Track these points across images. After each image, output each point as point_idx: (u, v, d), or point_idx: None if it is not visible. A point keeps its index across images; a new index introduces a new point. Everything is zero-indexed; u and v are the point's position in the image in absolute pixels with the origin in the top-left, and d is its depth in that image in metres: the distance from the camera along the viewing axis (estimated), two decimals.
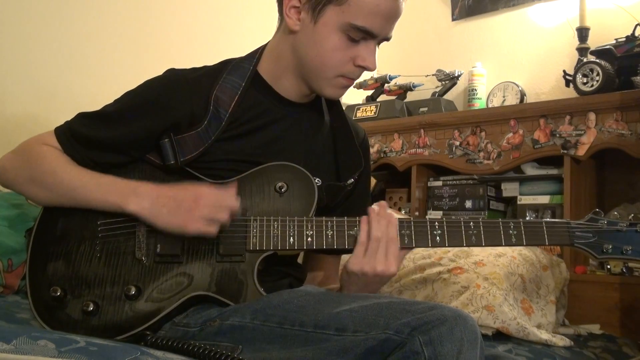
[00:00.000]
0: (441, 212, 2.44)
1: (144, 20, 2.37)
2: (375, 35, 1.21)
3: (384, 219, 1.19)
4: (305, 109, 1.33)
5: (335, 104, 1.39)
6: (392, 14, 1.21)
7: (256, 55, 1.31)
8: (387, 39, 1.25)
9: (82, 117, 1.28)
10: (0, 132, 1.95)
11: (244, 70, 1.28)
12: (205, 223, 1.14)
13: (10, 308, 1.36)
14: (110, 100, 1.29)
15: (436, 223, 1.22)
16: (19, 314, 1.31)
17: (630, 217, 1.26)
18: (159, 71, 1.30)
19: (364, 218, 1.20)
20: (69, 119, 1.29)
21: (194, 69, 1.30)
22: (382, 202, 1.25)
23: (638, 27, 2.09)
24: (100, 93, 1.70)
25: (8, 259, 1.52)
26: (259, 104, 1.28)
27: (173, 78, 1.27)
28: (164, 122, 1.22)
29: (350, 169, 1.35)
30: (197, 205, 1.15)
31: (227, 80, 1.26)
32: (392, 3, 1.19)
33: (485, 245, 1.23)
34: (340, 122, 1.39)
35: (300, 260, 1.45)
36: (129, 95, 1.27)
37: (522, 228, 1.23)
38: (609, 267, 1.27)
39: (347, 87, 1.28)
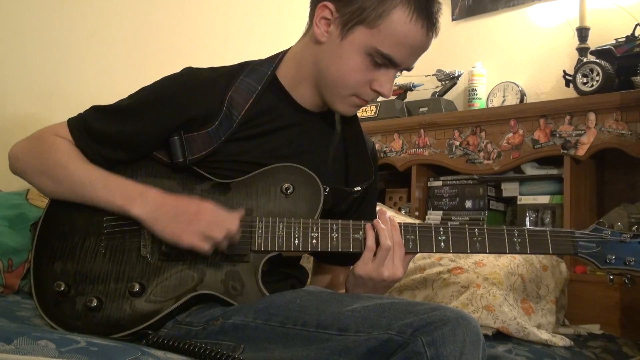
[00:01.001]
0: (441, 212, 2.44)
1: (144, 21, 2.37)
2: (397, 64, 1.21)
3: (387, 224, 1.20)
4: (319, 118, 1.33)
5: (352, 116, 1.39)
6: (419, 48, 1.22)
7: (276, 60, 1.30)
8: (408, 70, 1.26)
9: (96, 110, 1.27)
10: (0, 132, 1.94)
11: (261, 74, 1.27)
12: (199, 238, 1.13)
13: (10, 307, 1.36)
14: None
15: (441, 228, 1.23)
16: (19, 312, 1.31)
17: (634, 228, 1.26)
18: (158, 71, 1.30)
19: (368, 225, 1.21)
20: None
21: (212, 69, 1.29)
22: (382, 209, 1.25)
23: (638, 27, 2.09)
24: (100, 93, 1.70)
25: (8, 259, 1.52)
26: (274, 109, 1.28)
27: (190, 77, 1.26)
28: (178, 120, 1.22)
29: (360, 178, 1.35)
30: (196, 219, 1.14)
31: (243, 83, 1.26)
32: (421, 37, 1.20)
33: (490, 253, 1.24)
34: (353, 133, 1.39)
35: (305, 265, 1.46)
36: (144, 91, 1.27)
37: (527, 236, 1.24)
38: (611, 277, 1.27)
39: (360, 106, 1.28)
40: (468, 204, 2.37)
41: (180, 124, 1.22)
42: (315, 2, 1.24)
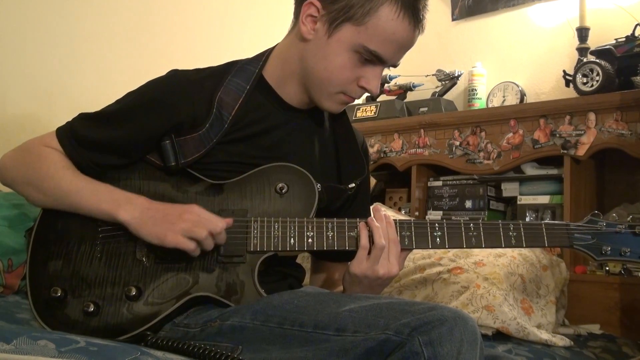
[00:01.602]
0: (441, 212, 2.44)
1: (144, 20, 2.37)
2: (384, 61, 1.21)
3: (382, 222, 1.20)
4: (307, 115, 1.33)
5: None
6: (406, 44, 1.22)
7: (262, 58, 1.30)
8: (395, 66, 1.26)
9: (84, 117, 1.27)
10: (0, 132, 1.95)
11: (249, 73, 1.27)
12: (183, 236, 1.13)
13: (10, 308, 1.36)
14: (110, 101, 1.29)
15: (436, 224, 1.23)
16: (19, 314, 1.31)
17: (628, 218, 1.26)
18: (158, 71, 1.30)
19: (362, 224, 1.21)
20: (68, 119, 1.29)
21: (197, 70, 1.29)
22: (377, 206, 1.25)
23: (638, 27, 2.09)
24: (99, 93, 1.70)
25: (8, 259, 1.52)
26: (262, 108, 1.27)
27: (176, 79, 1.26)
28: (166, 124, 1.22)
29: (352, 174, 1.35)
30: (179, 219, 1.14)
31: (232, 83, 1.25)
32: (407, 34, 1.20)
33: (485, 247, 1.24)
34: (343, 129, 1.39)
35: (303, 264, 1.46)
36: (131, 96, 1.27)
37: (522, 230, 1.23)
38: (607, 268, 1.27)
39: (347, 103, 1.28)
40: (468, 204, 2.37)
41: (169, 127, 1.22)
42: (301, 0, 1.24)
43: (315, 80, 1.24)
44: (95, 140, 1.24)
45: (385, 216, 1.21)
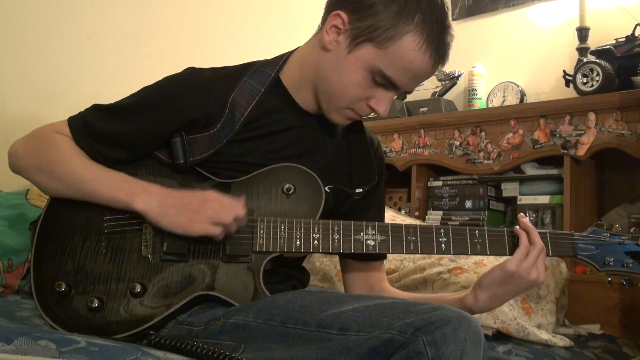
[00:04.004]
0: (441, 212, 2.44)
1: (144, 21, 2.37)
2: (397, 87, 1.21)
3: (531, 228, 1.21)
4: (321, 120, 1.32)
5: None
6: (422, 76, 1.22)
7: (280, 61, 1.29)
8: (409, 92, 1.26)
9: (97, 109, 1.27)
10: (0, 132, 1.94)
11: (265, 76, 1.26)
12: (209, 224, 1.13)
13: (10, 307, 1.36)
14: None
15: (442, 230, 1.22)
16: (19, 312, 1.31)
17: (632, 229, 1.27)
18: (157, 71, 1.30)
19: (517, 228, 1.21)
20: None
21: (214, 69, 1.28)
22: (521, 214, 1.26)
23: (638, 27, 2.09)
24: (99, 93, 1.70)
25: (8, 259, 1.52)
26: (276, 111, 1.27)
27: (192, 77, 1.25)
28: (179, 121, 1.22)
29: (362, 180, 1.35)
30: (203, 207, 1.14)
31: (247, 84, 1.25)
32: (426, 67, 1.19)
33: (490, 255, 1.23)
34: (356, 135, 1.38)
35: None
36: (146, 91, 1.26)
37: None
38: (609, 279, 1.28)
39: (353, 119, 1.28)
40: (468, 204, 2.37)
41: (181, 125, 1.22)
42: (330, 8, 1.23)
43: (326, 90, 1.23)
44: (106, 133, 1.23)
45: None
